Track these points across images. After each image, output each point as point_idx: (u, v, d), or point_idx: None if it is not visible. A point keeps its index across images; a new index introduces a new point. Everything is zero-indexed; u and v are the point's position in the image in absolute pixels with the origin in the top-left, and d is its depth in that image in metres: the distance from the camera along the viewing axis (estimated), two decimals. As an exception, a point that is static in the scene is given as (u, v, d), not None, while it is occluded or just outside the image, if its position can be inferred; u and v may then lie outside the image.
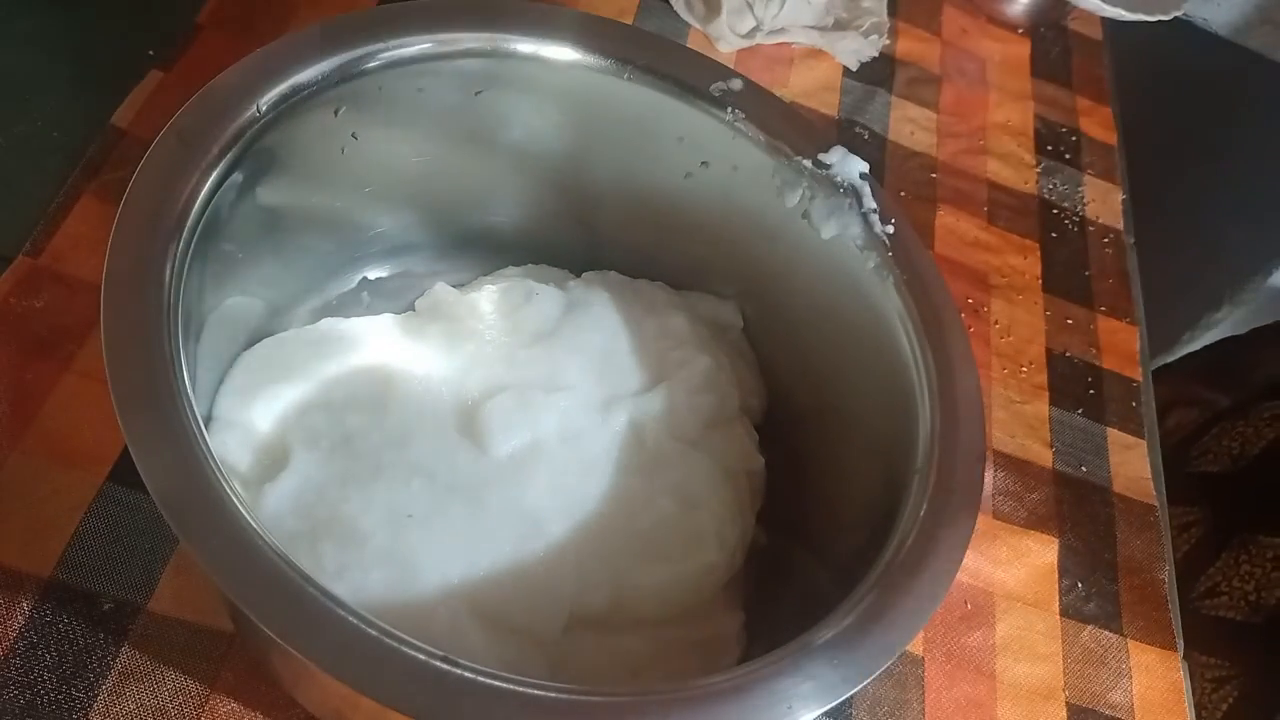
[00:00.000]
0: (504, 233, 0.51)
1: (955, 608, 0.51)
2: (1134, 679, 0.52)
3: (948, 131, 0.71)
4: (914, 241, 0.42)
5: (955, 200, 0.68)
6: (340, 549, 0.38)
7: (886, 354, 0.41)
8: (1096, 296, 0.67)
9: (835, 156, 0.43)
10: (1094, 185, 0.73)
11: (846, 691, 0.31)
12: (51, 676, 0.38)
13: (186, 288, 0.33)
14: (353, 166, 0.43)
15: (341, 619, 0.28)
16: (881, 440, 0.41)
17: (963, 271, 0.65)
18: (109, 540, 0.41)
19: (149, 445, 0.29)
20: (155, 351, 0.31)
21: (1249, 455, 0.75)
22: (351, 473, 0.40)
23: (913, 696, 0.48)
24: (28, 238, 0.47)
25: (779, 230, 0.45)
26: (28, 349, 0.45)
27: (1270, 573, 0.66)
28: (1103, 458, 0.59)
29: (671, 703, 0.30)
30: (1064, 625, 0.53)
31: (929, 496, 0.36)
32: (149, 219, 0.33)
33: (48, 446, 0.43)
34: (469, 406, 0.43)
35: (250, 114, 0.36)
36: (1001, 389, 0.60)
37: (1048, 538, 0.55)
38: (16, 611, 0.39)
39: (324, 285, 0.48)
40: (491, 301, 0.46)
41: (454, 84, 0.43)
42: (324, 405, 0.42)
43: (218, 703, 0.40)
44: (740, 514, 0.44)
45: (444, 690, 0.28)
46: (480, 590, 0.39)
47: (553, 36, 0.42)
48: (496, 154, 0.47)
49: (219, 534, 0.29)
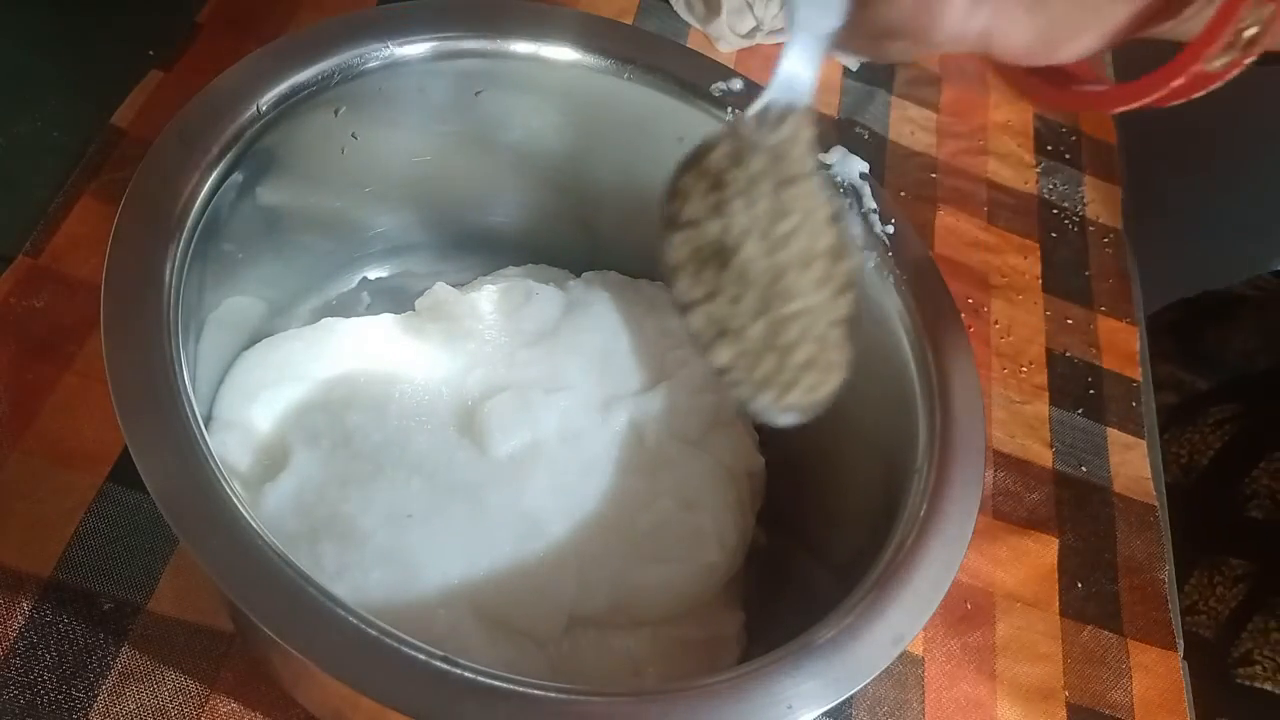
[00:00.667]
0: (504, 233, 0.51)
1: (955, 608, 0.51)
2: (1134, 678, 0.52)
3: (948, 131, 0.71)
4: (914, 241, 0.42)
5: (955, 200, 0.68)
6: (340, 549, 0.38)
7: (886, 354, 0.41)
8: (1096, 296, 0.67)
9: (835, 156, 0.43)
10: (1094, 185, 0.73)
11: (846, 691, 0.31)
12: (51, 676, 0.38)
13: (186, 288, 0.33)
14: (353, 166, 0.43)
15: (341, 619, 0.28)
16: (881, 440, 0.41)
17: (963, 271, 0.65)
18: (109, 540, 0.41)
19: (149, 445, 0.29)
20: (155, 351, 0.31)
21: (1198, 466, 0.75)
22: (351, 473, 0.40)
23: (913, 696, 0.48)
24: (28, 238, 0.48)
25: (779, 230, 0.45)
26: (28, 349, 0.45)
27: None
28: (1103, 458, 0.59)
29: (671, 703, 0.30)
30: (1064, 625, 0.53)
31: (929, 496, 0.36)
32: (149, 219, 0.33)
33: (48, 446, 0.43)
34: (469, 406, 0.43)
35: (250, 114, 0.36)
36: (1001, 389, 0.60)
37: (1048, 538, 0.55)
38: (16, 611, 0.39)
39: (324, 285, 0.48)
40: (491, 301, 0.46)
41: (454, 84, 0.43)
42: (324, 405, 0.42)
43: (218, 703, 0.40)
44: (740, 514, 0.44)
45: (444, 690, 0.28)
46: (480, 590, 0.39)
47: (553, 36, 0.42)
48: (496, 154, 0.47)
49: (219, 534, 0.29)
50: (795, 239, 0.30)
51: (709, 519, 0.43)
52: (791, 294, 0.29)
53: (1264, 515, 0.71)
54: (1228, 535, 0.71)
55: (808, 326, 0.30)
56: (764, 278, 0.29)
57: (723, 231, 0.29)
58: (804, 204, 0.30)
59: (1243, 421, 0.77)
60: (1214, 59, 0.30)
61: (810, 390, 0.30)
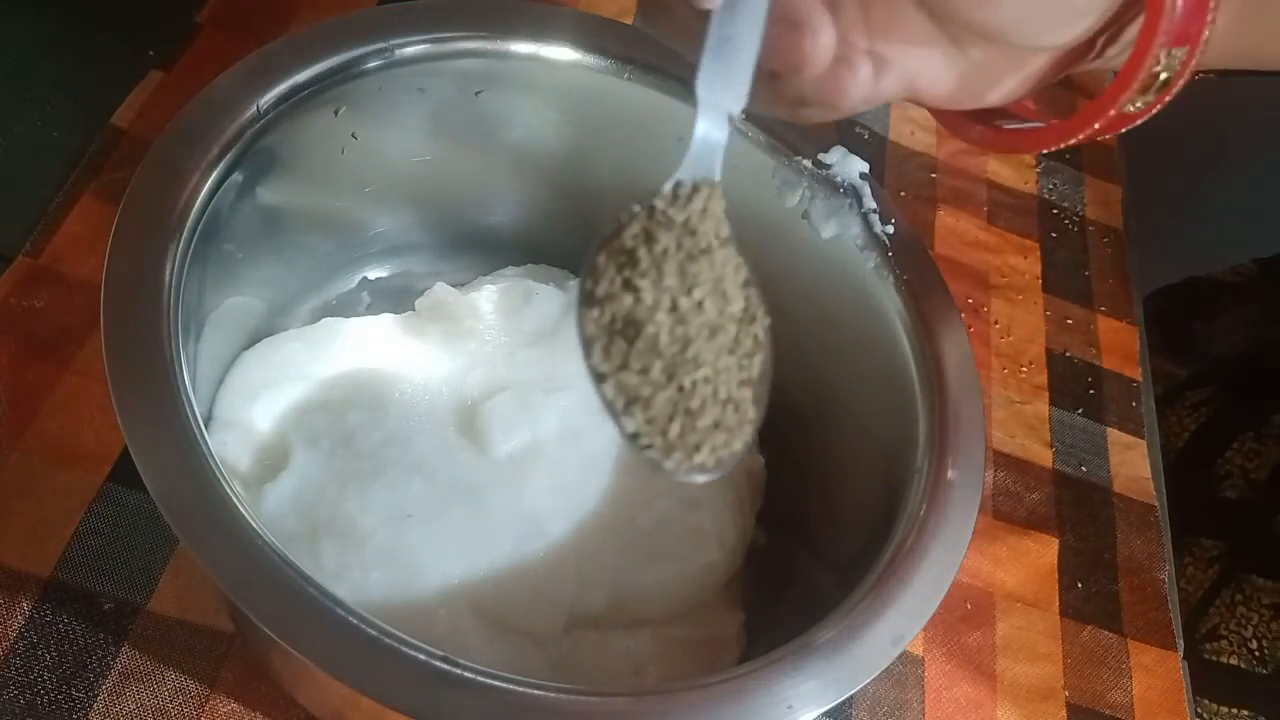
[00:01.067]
0: (504, 233, 0.51)
1: (955, 608, 0.51)
2: (1134, 679, 0.52)
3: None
4: (914, 241, 0.42)
5: (955, 200, 0.68)
6: (340, 549, 0.38)
7: (886, 354, 0.41)
8: (1096, 296, 0.67)
9: (835, 156, 0.43)
10: (1094, 185, 0.73)
11: (847, 691, 0.31)
12: (51, 676, 0.38)
13: (186, 288, 0.33)
14: (353, 166, 0.43)
15: (341, 619, 0.28)
16: (881, 440, 0.41)
17: (963, 271, 0.65)
18: (109, 540, 0.41)
19: (149, 445, 0.29)
20: (155, 352, 0.31)
21: (1174, 449, 0.75)
22: (351, 473, 0.40)
23: (913, 696, 0.48)
24: (28, 238, 0.47)
25: (779, 230, 0.45)
26: (28, 349, 0.45)
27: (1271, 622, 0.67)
28: (1103, 457, 0.59)
29: (671, 703, 0.30)
30: (1064, 625, 0.53)
31: (929, 496, 0.36)
32: (149, 219, 0.33)
33: (48, 446, 0.43)
34: (469, 406, 0.43)
35: (250, 114, 0.36)
36: (1001, 389, 0.60)
37: (1048, 538, 0.55)
38: (16, 611, 0.39)
39: (324, 285, 0.48)
40: (491, 301, 0.46)
41: (454, 84, 0.43)
42: (324, 405, 0.42)
43: (218, 703, 0.40)
44: (740, 514, 0.44)
45: (444, 690, 0.28)
46: (480, 590, 0.39)
47: (552, 36, 0.42)
48: (496, 154, 0.47)
49: (219, 534, 0.29)
50: (703, 309, 0.31)
51: (709, 518, 0.43)
52: (699, 361, 0.31)
53: (1237, 495, 0.72)
54: (1202, 517, 0.71)
55: (715, 390, 0.31)
56: (671, 348, 0.31)
57: (632, 306, 0.31)
58: (713, 274, 0.31)
59: (1218, 404, 0.77)
60: (1131, 102, 0.31)
61: (717, 450, 0.31)
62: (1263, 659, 0.66)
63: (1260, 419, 0.73)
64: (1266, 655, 0.65)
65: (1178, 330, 0.83)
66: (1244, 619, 0.67)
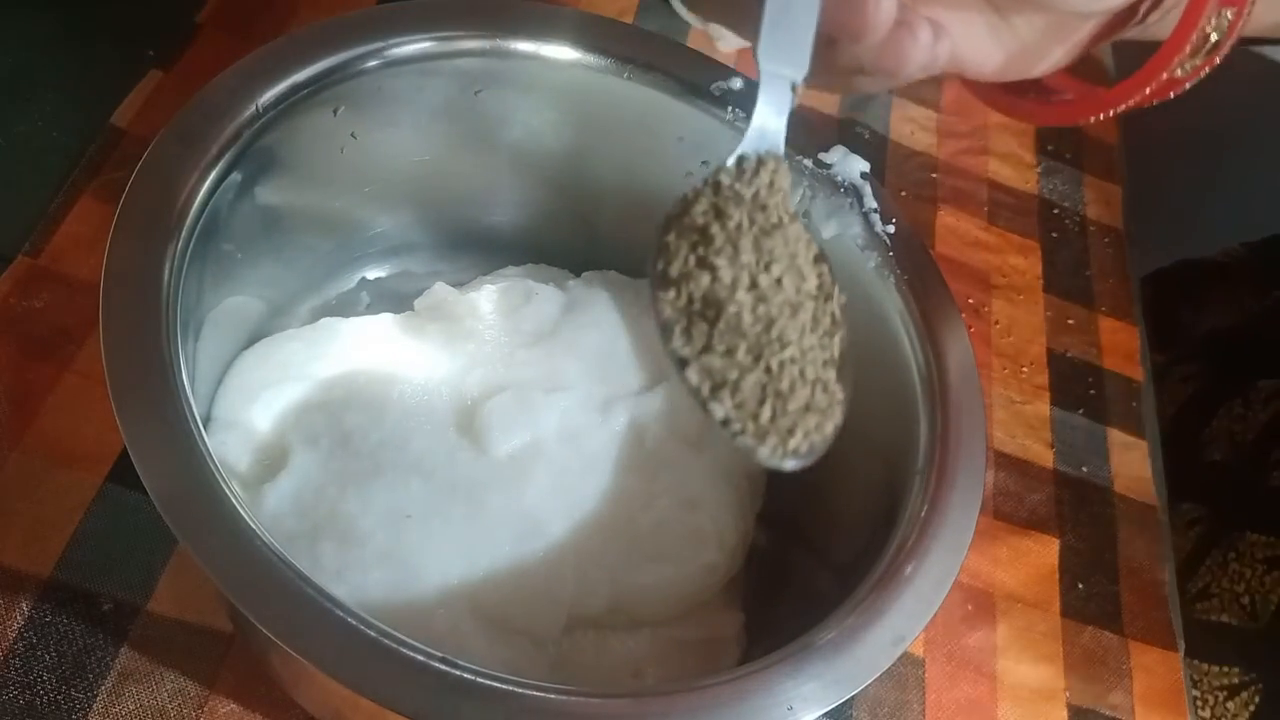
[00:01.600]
0: (504, 233, 0.51)
1: (956, 608, 0.51)
2: (1135, 679, 0.52)
3: (948, 131, 0.71)
4: (914, 241, 0.42)
5: (956, 200, 0.68)
6: (340, 549, 0.38)
7: (886, 354, 0.41)
8: (1097, 296, 0.67)
9: (836, 156, 0.43)
10: (1094, 185, 0.73)
11: (847, 692, 0.31)
12: (51, 677, 0.38)
13: (185, 288, 0.33)
14: (352, 166, 0.43)
15: (341, 619, 0.28)
16: (882, 440, 0.41)
17: (963, 271, 0.65)
18: (109, 540, 0.41)
19: (149, 445, 0.29)
20: (155, 351, 0.31)
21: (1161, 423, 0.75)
22: (351, 473, 0.40)
23: (913, 697, 0.48)
24: (28, 238, 0.47)
25: (779, 230, 0.45)
26: (28, 349, 0.45)
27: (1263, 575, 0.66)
28: (1103, 458, 0.59)
29: (671, 703, 0.30)
30: (1065, 625, 0.53)
31: (929, 496, 0.36)
32: (149, 219, 0.33)
33: (48, 446, 0.43)
34: (468, 406, 0.43)
35: (250, 114, 0.36)
36: (1002, 389, 0.60)
37: (1048, 538, 0.55)
38: (16, 611, 0.39)
39: (323, 285, 0.48)
40: (491, 301, 0.46)
41: (454, 84, 0.43)
42: (323, 405, 0.42)
43: (217, 703, 0.40)
44: (740, 514, 0.44)
45: (444, 690, 0.28)
46: (480, 590, 0.39)
47: (553, 36, 0.42)
48: (496, 154, 0.47)
49: (219, 534, 0.29)
50: (782, 286, 0.30)
51: (709, 519, 0.43)
52: (784, 341, 0.30)
53: (1222, 456, 0.72)
54: (1184, 484, 0.70)
55: (802, 371, 0.30)
56: (755, 327, 0.30)
57: (710, 285, 0.30)
58: (787, 250, 0.30)
59: (1204, 379, 0.77)
60: (1181, 65, 0.31)
61: (811, 434, 0.30)
62: (1254, 613, 0.65)
63: (1249, 386, 0.73)
64: (1259, 608, 0.65)
65: (1167, 320, 0.83)
66: (1237, 575, 0.67)
